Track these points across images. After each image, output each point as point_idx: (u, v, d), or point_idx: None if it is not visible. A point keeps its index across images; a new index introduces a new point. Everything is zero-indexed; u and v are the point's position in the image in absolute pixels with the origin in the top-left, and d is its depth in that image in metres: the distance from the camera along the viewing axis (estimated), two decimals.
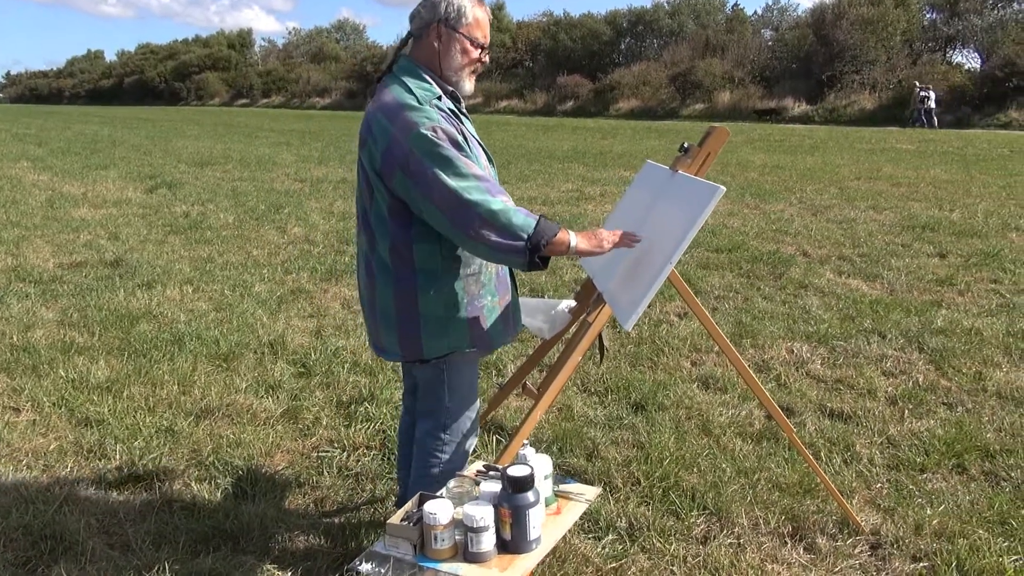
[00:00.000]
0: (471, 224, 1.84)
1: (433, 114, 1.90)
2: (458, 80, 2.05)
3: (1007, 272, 6.10)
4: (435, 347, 2.07)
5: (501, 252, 1.88)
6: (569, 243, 1.94)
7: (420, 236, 1.98)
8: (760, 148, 18.38)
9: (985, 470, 3.08)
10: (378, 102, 1.96)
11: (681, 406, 3.65)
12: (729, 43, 39.10)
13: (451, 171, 1.84)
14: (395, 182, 1.90)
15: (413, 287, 2.02)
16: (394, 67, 2.04)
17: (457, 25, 1.99)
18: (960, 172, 13.08)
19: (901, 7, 34.63)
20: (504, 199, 1.88)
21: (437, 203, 1.85)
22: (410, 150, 1.85)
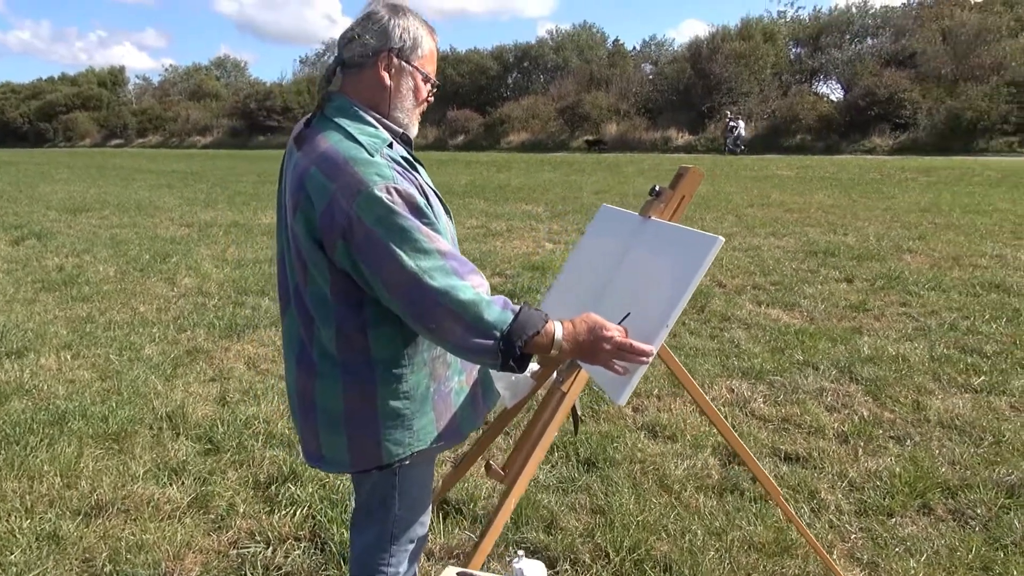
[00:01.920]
0: (432, 316, 1.49)
1: (386, 169, 1.53)
2: (408, 123, 1.70)
3: (912, 295, 6.28)
4: (396, 450, 1.70)
5: (467, 351, 1.54)
6: (554, 341, 1.59)
7: (376, 319, 1.61)
8: (652, 178, 18.81)
9: (950, 508, 3.00)
10: (312, 152, 1.57)
11: (633, 460, 3.42)
12: (612, 77, 40.39)
13: (409, 246, 1.48)
14: (337, 254, 1.53)
15: (370, 381, 1.65)
16: (325, 108, 1.65)
17: (411, 57, 1.65)
18: (842, 197, 13.73)
19: (769, 42, 36.81)
20: (475, 282, 1.54)
21: (389, 286, 1.50)
22: (356, 216, 1.48)
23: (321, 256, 1.56)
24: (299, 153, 1.61)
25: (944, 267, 7.36)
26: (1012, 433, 3.60)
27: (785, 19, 39.96)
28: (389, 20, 1.62)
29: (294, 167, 1.61)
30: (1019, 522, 2.84)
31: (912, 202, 12.63)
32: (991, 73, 29.11)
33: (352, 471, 1.74)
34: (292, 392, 1.78)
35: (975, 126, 27.26)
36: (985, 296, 6.18)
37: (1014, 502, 3.00)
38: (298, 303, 1.68)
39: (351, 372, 1.64)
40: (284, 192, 1.72)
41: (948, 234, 9.25)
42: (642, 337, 1.73)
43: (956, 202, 12.43)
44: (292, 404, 1.80)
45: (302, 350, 1.71)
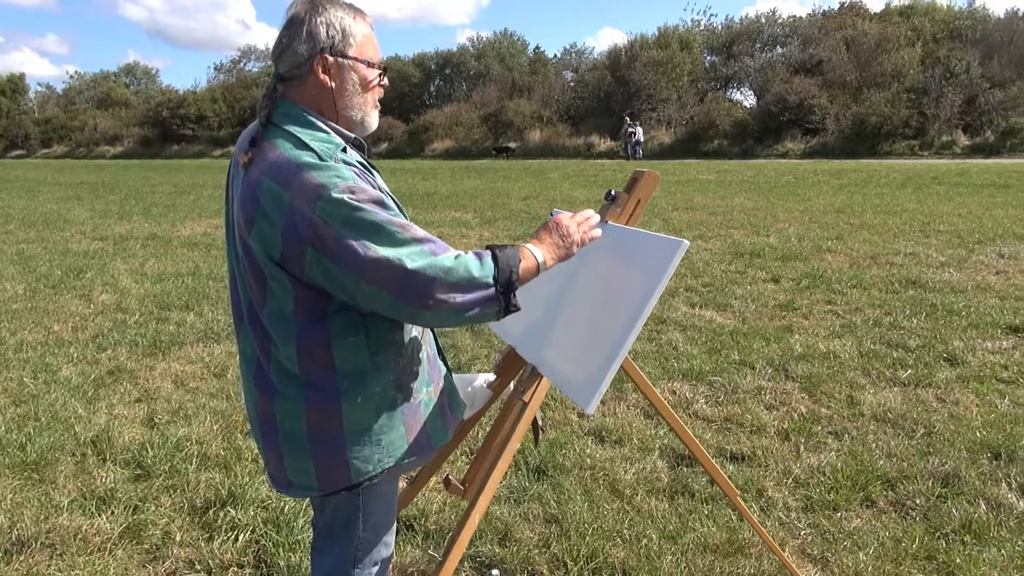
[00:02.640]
0: (428, 293, 1.45)
1: (344, 170, 1.46)
2: (363, 117, 1.62)
3: (836, 293, 6.50)
4: (365, 468, 1.62)
5: (473, 309, 1.50)
6: (538, 264, 1.62)
7: (341, 330, 1.54)
8: (578, 183, 19.03)
9: (891, 500, 3.09)
10: (263, 163, 1.48)
11: (583, 466, 3.40)
12: (534, 84, 40.72)
13: (383, 239, 1.43)
14: (308, 267, 1.45)
15: (335, 397, 1.57)
16: (273, 116, 1.56)
17: (346, 49, 1.56)
18: (761, 199, 14.16)
19: (686, 50, 37.78)
20: (450, 252, 1.51)
21: (376, 281, 1.43)
22: (322, 221, 1.41)
23: (282, 272, 1.48)
24: (245, 166, 1.52)
25: (863, 265, 7.66)
26: (941, 424, 3.74)
27: (699, 28, 41.11)
28: (312, 19, 1.54)
29: (244, 180, 1.52)
30: (956, 511, 2.94)
31: (827, 203, 13.13)
32: (892, 80, 30.62)
33: (321, 495, 1.66)
34: (252, 416, 1.69)
35: (879, 131, 28.60)
36: (903, 292, 6.45)
37: (949, 491, 3.11)
38: (253, 322, 1.59)
39: (315, 389, 1.56)
40: (232, 207, 1.62)
41: (863, 233, 9.64)
42: (609, 341, 1.71)
43: (867, 203, 12.99)
44: (254, 429, 1.70)
45: (259, 371, 1.61)
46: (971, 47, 31.03)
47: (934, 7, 37.20)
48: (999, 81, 28.78)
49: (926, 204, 12.69)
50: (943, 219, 10.74)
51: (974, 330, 5.31)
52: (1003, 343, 5.02)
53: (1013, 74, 29.09)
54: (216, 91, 49.69)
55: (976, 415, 3.86)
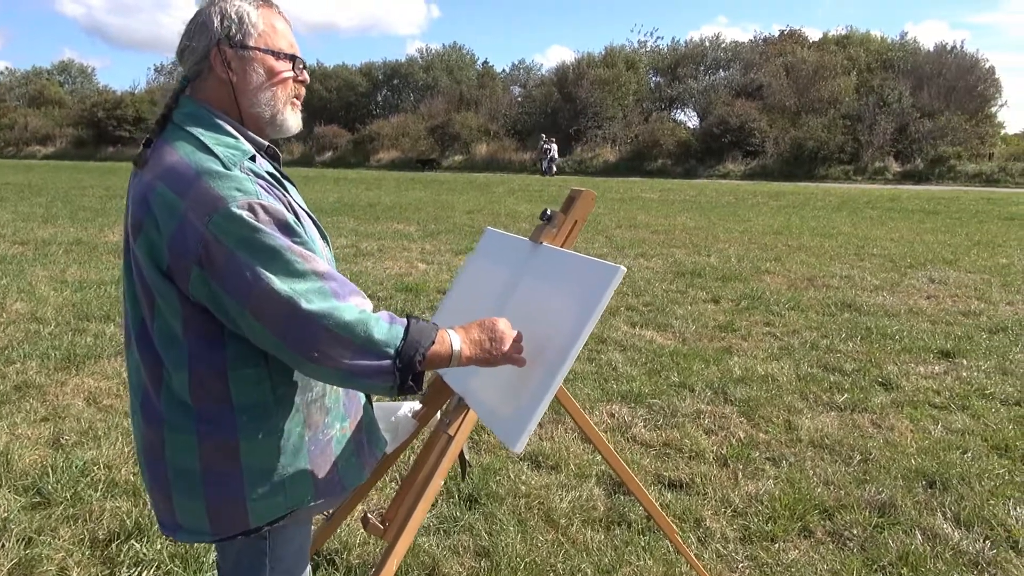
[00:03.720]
0: (315, 343, 1.28)
1: (247, 183, 1.30)
2: (273, 115, 1.46)
3: (774, 314, 6.53)
4: (265, 511, 1.46)
5: (360, 377, 1.33)
6: (452, 352, 1.45)
7: (238, 358, 1.38)
8: (523, 198, 19.00)
9: (828, 530, 3.03)
10: (158, 166, 1.33)
11: (517, 494, 3.27)
12: (482, 98, 40.79)
13: (280, 268, 1.27)
14: (191, 285, 1.29)
15: (231, 433, 1.39)
16: (173, 115, 1.41)
17: (246, 39, 1.40)
18: (703, 219, 14.34)
19: (631, 70, 38.37)
20: (357, 301, 1.35)
21: (259, 315, 1.27)
22: (214, 238, 1.25)
23: (169, 287, 1.32)
24: (140, 168, 1.36)
25: (800, 287, 7.75)
26: (877, 451, 3.73)
27: (646, 49, 41.82)
28: (205, 10, 1.41)
29: (137, 184, 1.35)
30: (893, 542, 2.90)
31: (766, 225, 13.35)
32: (828, 106, 31.61)
33: (214, 540, 1.48)
34: (139, 447, 1.51)
35: (816, 155, 29.44)
36: (839, 315, 6.53)
37: (886, 521, 3.07)
38: (142, 341, 1.41)
39: (208, 423, 1.39)
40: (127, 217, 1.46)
41: (801, 255, 9.80)
42: (539, 372, 1.59)
43: (805, 225, 13.25)
44: (140, 465, 1.52)
45: (146, 397, 1.44)
46: (903, 77, 32.27)
47: (868, 38, 38.66)
48: (928, 111, 29.97)
49: (860, 228, 13.01)
50: (876, 243, 11.01)
51: (907, 354, 5.37)
52: (935, 368, 5.09)
53: (941, 105, 30.33)
54: (156, 93, 48.32)
55: (911, 441, 3.86)
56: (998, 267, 9.00)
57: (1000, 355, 5.33)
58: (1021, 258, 9.67)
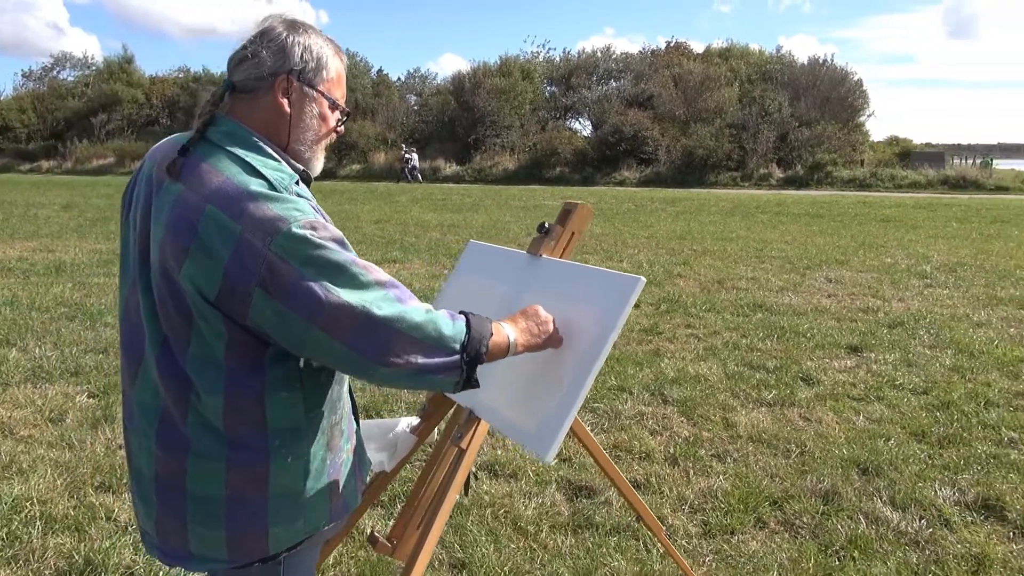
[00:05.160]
0: (389, 348, 1.29)
1: (303, 203, 1.30)
2: (311, 157, 1.46)
3: (694, 317, 6.80)
4: (285, 537, 1.43)
5: (433, 374, 1.35)
6: (509, 342, 1.51)
7: (276, 383, 1.35)
8: (427, 207, 18.94)
9: (780, 520, 3.20)
10: (204, 187, 1.29)
11: (482, 504, 3.28)
12: (378, 106, 40.34)
13: (347, 282, 1.27)
14: (253, 309, 1.26)
15: (263, 458, 1.37)
16: (208, 133, 1.37)
17: (315, 80, 1.41)
18: (608, 226, 14.71)
19: (527, 80, 38.90)
20: (419, 303, 1.36)
21: (332, 329, 1.26)
22: (279, 259, 1.23)
23: (215, 312, 1.28)
24: (179, 186, 1.31)
25: (712, 290, 8.09)
26: (811, 442, 3.96)
27: (539, 59, 42.49)
28: (288, 37, 1.39)
29: (175, 204, 1.30)
30: (841, 527, 3.09)
31: (669, 230, 13.84)
32: (715, 116, 33.05)
33: (231, 567, 1.44)
34: (146, 476, 1.44)
35: (706, 162, 30.73)
36: (753, 316, 6.86)
37: (831, 508, 3.27)
38: (167, 366, 1.35)
39: (240, 448, 1.36)
40: (138, 229, 1.40)
41: (707, 259, 10.23)
42: (565, 383, 1.63)
43: (704, 230, 13.83)
44: (144, 490, 1.45)
45: (166, 424, 1.38)
46: (781, 89, 34.14)
47: (748, 51, 40.70)
48: (806, 120, 31.83)
49: (755, 231, 13.69)
50: (773, 246, 11.62)
51: (821, 350, 5.71)
52: (847, 362, 5.44)
53: (817, 114, 32.27)
54: (24, 100, 45.22)
55: (839, 432, 4.12)
56: (885, 266, 9.69)
57: (902, 348, 5.75)
58: (903, 258, 10.44)
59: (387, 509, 3.27)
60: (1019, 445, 3.94)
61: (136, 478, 1.48)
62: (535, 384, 1.71)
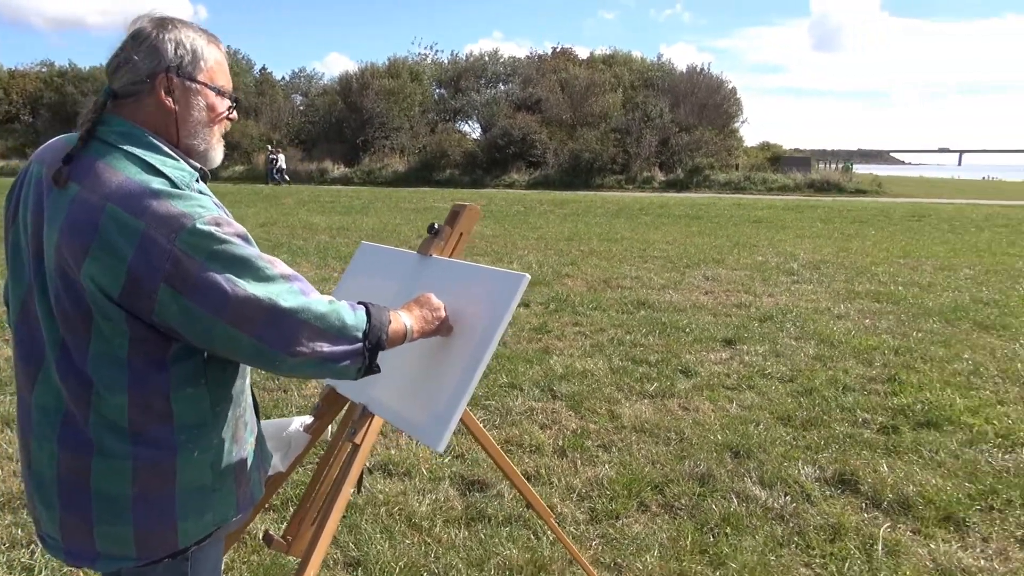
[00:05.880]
0: (295, 339, 1.34)
1: (205, 200, 1.33)
2: (207, 148, 1.48)
3: (581, 315, 7.04)
4: (194, 531, 1.45)
5: (337, 362, 1.41)
6: (407, 329, 1.59)
7: (181, 380, 1.38)
8: (315, 210, 18.58)
9: (661, 503, 3.40)
10: (102, 187, 1.29)
11: (376, 503, 3.32)
12: (262, 106, 39.17)
13: (253, 275, 1.31)
14: (159, 305, 1.27)
15: (170, 454, 1.39)
16: (99, 132, 1.36)
17: (195, 73, 1.43)
18: (498, 227, 14.90)
19: (416, 82, 38.77)
20: (320, 295, 1.42)
21: (239, 323, 1.29)
22: (184, 255, 1.25)
23: (118, 310, 1.29)
24: (75, 187, 1.31)
25: (598, 289, 8.38)
26: (689, 430, 4.21)
27: (428, 61, 42.43)
28: (159, 36, 1.40)
29: (72, 205, 1.30)
30: (715, 507, 3.32)
31: (557, 232, 14.17)
32: (600, 121, 34.03)
33: (139, 564, 1.44)
34: (48, 480, 1.42)
35: (592, 165, 31.58)
36: (637, 313, 7.17)
37: (706, 490, 3.50)
38: (66, 367, 1.35)
39: (147, 445, 1.38)
40: (31, 232, 1.39)
41: (593, 259, 10.56)
42: (455, 376, 1.71)
43: (591, 231, 14.24)
44: (45, 495, 1.43)
45: (68, 426, 1.38)
46: (662, 95, 35.51)
47: (630, 58, 42.08)
48: (685, 126, 33.27)
49: (639, 232, 14.22)
50: (655, 246, 12.12)
51: (699, 344, 6.05)
52: (722, 355, 5.78)
53: (695, 120, 33.79)
54: None
55: (714, 419, 4.39)
56: (756, 264, 10.30)
57: (771, 340, 6.16)
58: (773, 256, 11.13)
59: (280, 513, 3.25)
60: (871, 425, 4.32)
61: (36, 483, 1.46)
62: (426, 379, 1.78)
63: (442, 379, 1.74)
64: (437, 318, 1.70)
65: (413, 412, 1.78)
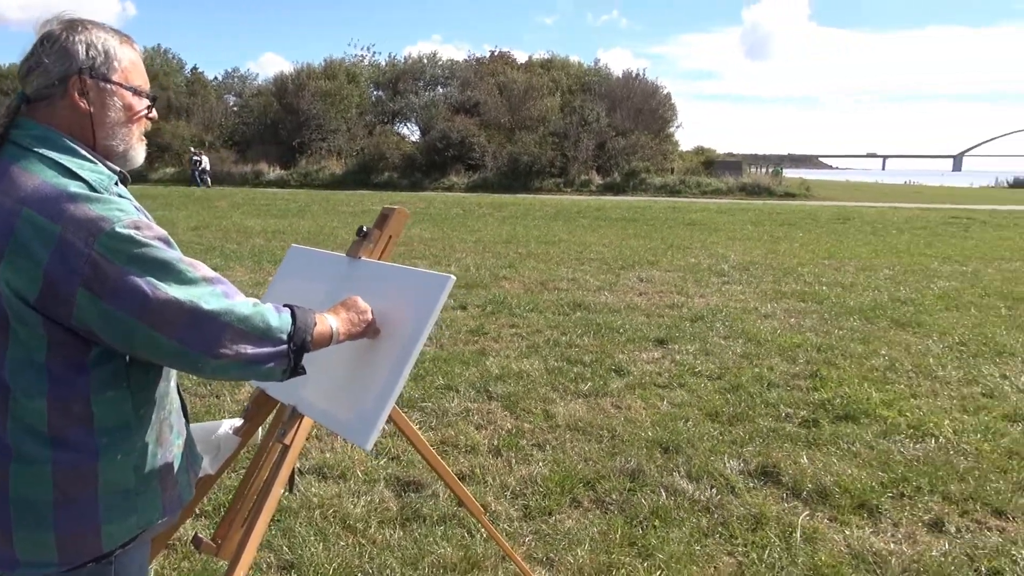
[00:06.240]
0: (219, 340, 1.34)
1: (124, 203, 1.33)
2: (126, 149, 1.47)
3: (518, 317, 7.11)
4: (118, 534, 1.45)
5: (261, 364, 1.42)
6: (332, 331, 1.60)
7: (102, 383, 1.37)
8: (249, 213, 18.24)
9: (592, 499, 3.49)
10: (17, 190, 1.29)
11: (310, 506, 3.32)
12: (193, 106, 38.25)
13: (174, 278, 1.32)
14: (78, 309, 1.27)
15: (91, 457, 1.38)
16: (13, 136, 1.36)
17: (109, 73, 1.42)
18: (437, 230, 14.90)
19: (353, 83, 38.39)
20: (244, 298, 1.43)
21: (160, 326, 1.30)
22: (103, 259, 1.25)
23: (34, 314, 1.29)
24: None
25: (535, 291, 8.47)
26: (621, 427, 4.32)
27: (365, 63, 42.05)
28: (69, 38, 1.40)
29: None
30: (645, 501, 3.43)
31: (495, 234, 14.25)
32: (538, 124, 34.27)
33: (62, 570, 1.44)
34: None
35: (531, 169, 31.77)
36: (572, 314, 7.28)
37: (636, 485, 3.61)
38: None
39: (66, 449, 1.37)
40: None
41: (531, 262, 10.66)
42: (382, 375, 1.75)
43: (529, 234, 14.36)
44: None
45: None
46: (599, 100, 35.98)
47: (568, 62, 42.52)
48: (622, 130, 33.78)
49: (576, 235, 14.40)
50: (592, 248, 12.30)
51: (632, 344, 6.19)
52: (654, 354, 5.93)
53: (632, 125, 34.34)
54: None
55: (645, 417, 4.52)
56: (689, 266, 10.56)
57: (701, 339, 6.35)
58: (705, 258, 11.42)
59: (211, 519, 3.22)
60: (794, 419, 4.51)
61: None
62: (355, 379, 1.82)
63: (370, 379, 1.77)
64: (364, 320, 1.72)
65: (342, 412, 1.81)
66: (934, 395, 5.01)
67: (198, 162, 30.68)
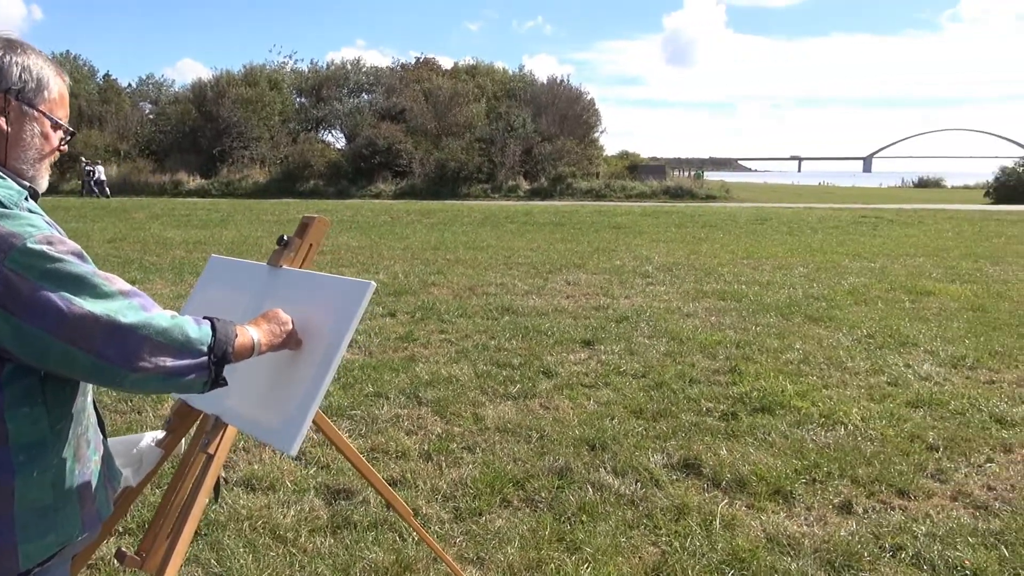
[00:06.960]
0: (138, 354, 1.34)
1: (36, 219, 1.32)
2: (34, 175, 1.46)
3: (447, 322, 7.15)
4: (36, 552, 1.43)
5: (181, 376, 1.41)
6: (254, 342, 1.61)
7: (16, 400, 1.35)
8: (169, 224, 17.74)
9: (523, 498, 3.56)
10: None
11: (239, 518, 3.28)
12: (106, 114, 36.91)
13: (89, 293, 1.31)
14: None
15: (8, 475, 1.36)
16: None
17: (36, 100, 1.43)
18: (364, 238, 14.80)
19: (275, 90, 37.70)
20: (162, 310, 1.42)
21: (76, 341, 1.29)
22: (15, 275, 1.25)
23: None
24: None
25: (464, 296, 8.52)
26: (549, 428, 4.41)
27: (287, 70, 41.35)
28: (5, 57, 1.40)
29: None
30: (573, 497, 3.52)
31: (424, 241, 14.24)
32: (465, 130, 34.38)
33: None
34: None
35: (458, 175, 31.86)
36: (501, 318, 7.36)
37: (565, 482, 3.70)
38: None
39: None
40: None
41: (459, 268, 10.71)
42: (305, 381, 1.77)
43: (457, 240, 14.40)
44: None
45: None
46: (525, 105, 36.33)
47: (493, 69, 42.77)
48: (547, 136, 34.19)
49: (504, 240, 14.52)
50: (520, 253, 12.43)
51: (559, 346, 6.30)
52: (581, 355, 6.06)
53: (557, 130, 34.79)
54: None
55: (573, 416, 4.62)
56: (615, 268, 10.79)
57: (626, 339, 6.51)
58: (630, 260, 11.69)
59: (135, 536, 3.16)
60: (714, 413, 4.69)
61: None
62: (278, 387, 1.83)
63: (293, 386, 1.79)
64: (285, 332, 1.74)
65: (266, 419, 1.83)
66: (844, 385, 5.28)
67: (91, 172, 29.45)
